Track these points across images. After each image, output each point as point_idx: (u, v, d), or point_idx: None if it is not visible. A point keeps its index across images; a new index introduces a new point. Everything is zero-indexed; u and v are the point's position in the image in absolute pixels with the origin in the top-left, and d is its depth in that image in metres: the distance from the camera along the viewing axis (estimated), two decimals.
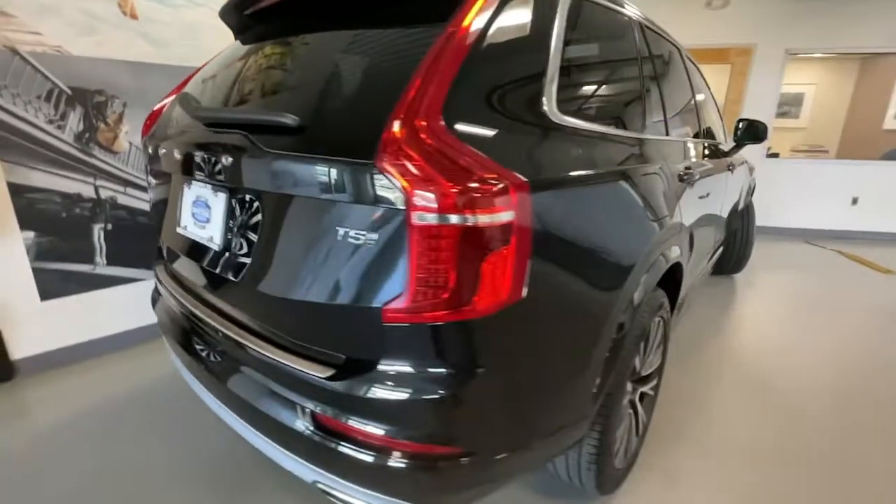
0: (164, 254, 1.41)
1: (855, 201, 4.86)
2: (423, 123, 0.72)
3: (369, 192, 0.74)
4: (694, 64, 2.30)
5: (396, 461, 0.83)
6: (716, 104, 2.64)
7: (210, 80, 1.29)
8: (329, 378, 0.85)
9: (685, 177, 1.52)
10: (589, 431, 1.15)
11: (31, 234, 1.96)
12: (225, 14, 1.38)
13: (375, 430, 0.83)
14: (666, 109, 1.61)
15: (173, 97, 1.42)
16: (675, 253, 1.42)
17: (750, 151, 4.88)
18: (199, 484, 1.44)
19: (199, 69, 1.46)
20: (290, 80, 1.04)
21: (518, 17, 0.92)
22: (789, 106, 7.18)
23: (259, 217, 0.96)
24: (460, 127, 0.76)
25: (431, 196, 0.69)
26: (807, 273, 3.81)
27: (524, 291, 0.79)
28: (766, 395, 1.98)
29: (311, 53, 1.06)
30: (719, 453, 1.63)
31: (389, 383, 0.81)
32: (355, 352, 0.85)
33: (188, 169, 1.10)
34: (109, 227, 2.17)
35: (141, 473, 1.48)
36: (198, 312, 1.16)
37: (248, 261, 0.98)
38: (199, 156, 1.04)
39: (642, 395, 1.55)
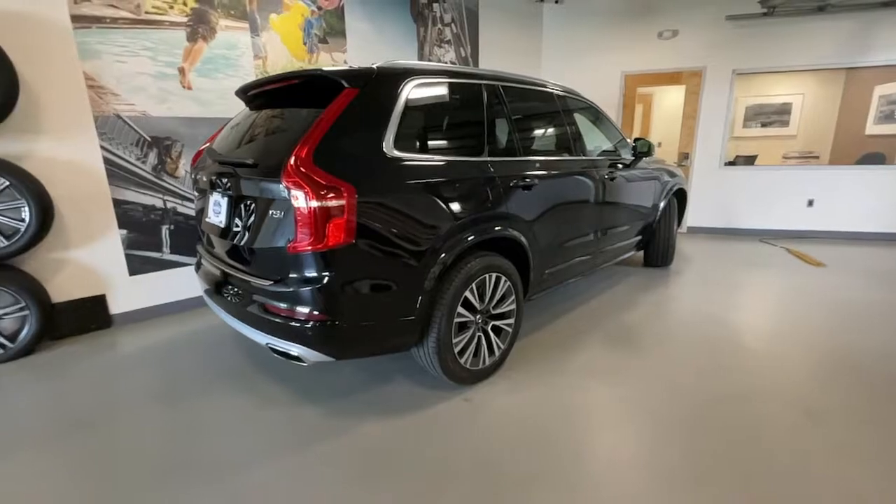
0: (202, 235, 2.38)
1: (811, 203, 5.27)
2: (301, 160, 1.61)
3: (280, 192, 1.64)
4: (587, 102, 3.08)
5: (301, 324, 1.70)
6: (616, 129, 3.37)
7: (224, 135, 2.26)
8: (270, 285, 1.75)
9: (520, 183, 2.31)
10: (427, 332, 1.97)
11: (124, 232, 3.04)
12: (238, 94, 2.36)
13: (290, 307, 1.72)
14: (515, 139, 2.42)
15: (207, 144, 2.41)
16: (506, 233, 2.20)
17: (707, 160, 5.46)
18: (223, 379, 2.38)
19: (222, 127, 2.45)
20: (254, 136, 1.97)
21: (362, 105, 1.79)
22: (777, 115, 7.53)
23: (241, 208, 1.88)
24: (322, 161, 1.63)
25: (302, 194, 1.58)
26: (742, 265, 4.34)
27: (354, 239, 1.65)
28: (632, 345, 2.68)
29: (265, 120, 2.00)
30: (561, 376, 2.37)
31: (293, 284, 1.69)
32: (281, 271, 1.74)
33: (211, 185, 2.05)
34: (172, 227, 3.22)
35: (184, 378, 2.45)
36: (216, 262, 2.10)
37: (236, 230, 1.91)
38: (215, 178, 2.00)
39: (497, 328, 2.33)
